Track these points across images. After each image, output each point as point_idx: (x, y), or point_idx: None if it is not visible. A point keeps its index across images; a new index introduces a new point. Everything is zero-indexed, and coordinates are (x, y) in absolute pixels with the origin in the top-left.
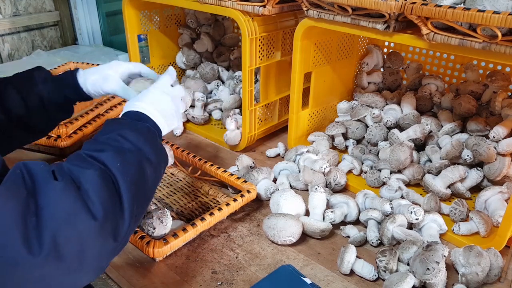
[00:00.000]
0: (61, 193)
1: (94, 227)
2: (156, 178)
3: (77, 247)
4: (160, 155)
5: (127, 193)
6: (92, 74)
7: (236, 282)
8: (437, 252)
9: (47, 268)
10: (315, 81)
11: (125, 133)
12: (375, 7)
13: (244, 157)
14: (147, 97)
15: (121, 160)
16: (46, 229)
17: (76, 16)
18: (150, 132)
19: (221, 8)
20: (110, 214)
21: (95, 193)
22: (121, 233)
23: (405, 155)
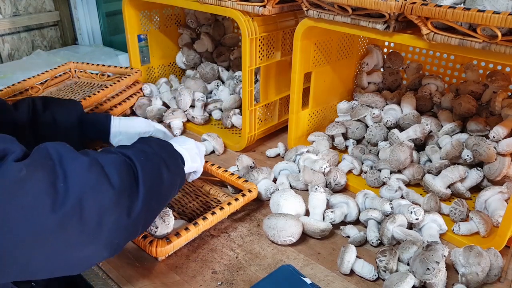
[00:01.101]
0: (86, 166)
1: (112, 195)
2: (172, 186)
3: (97, 213)
4: (178, 170)
5: (144, 181)
6: (121, 134)
7: (236, 282)
8: (437, 252)
9: (71, 229)
10: (315, 81)
11: (151, 144)
12: (375, 7)
13: (244, 157)
14: (174, 139)
15: (144, 157)
16: (73, 193)
17: (76, 16)
18: (174, 151)
19: (221, 8)
20: (126, 189)
21: (115, 170)
22: (135, 211)
23: (405, 155)
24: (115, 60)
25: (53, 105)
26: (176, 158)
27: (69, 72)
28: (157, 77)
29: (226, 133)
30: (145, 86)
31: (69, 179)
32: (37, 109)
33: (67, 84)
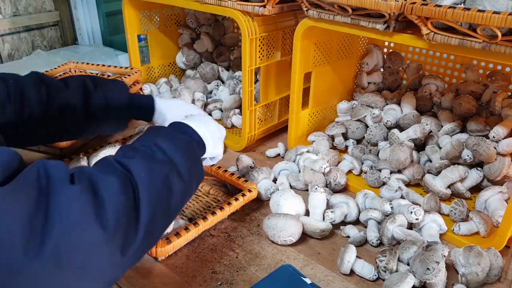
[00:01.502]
0: (74, 198)
1: (101, 236)
2: (185, 194)
3: (81, 255)
4: (195, 171)
5: (146, 206)
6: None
7: (236, 282)
8: (437, 252)
9: (47, 274)
10: (315, 81)
11: (162, 142)
12: (375, 7)
13: (244, 157)
14: (196, 118)
15: (148, 170)
16: (51, 233)
17: (76, 16)
18: (190, 146)
19: (221, 8)
20: (122, 226)
21: (110, 201)
22: (130, 248)
23: (405, 155)
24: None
25: (104, 85)
26: (193, 153)
27: (69, 72)
28: (157, 77)
29: (226, 133)
30: (145, 86)
31: (51, 214)
32: (89, 88)
33: None
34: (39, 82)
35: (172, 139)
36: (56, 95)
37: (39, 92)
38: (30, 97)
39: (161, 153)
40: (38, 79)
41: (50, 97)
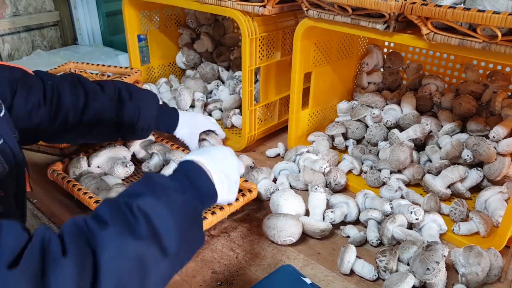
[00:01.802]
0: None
1: None
2: (171, 271)
3: None
4: (190, 241)
5: None
6: (185, 128)
7: (236, 282)
8: (437, 252)
9: None
10: (315, 81)
11: (150, 207)
12: (375, 7)
13: (244, 157)
14: (214, 153)
15: (118, 249)
16: None
17: (76, 16)
18: (188, 209)
19: (221, 8)
20: None
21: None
22: None
23: (405, 155)
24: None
25: (137, 95)
26: (191, 219)
27: (69, 72)
28: (157, 77)
29: (226, 133)
30: (145, 86)
31: None
32: (123, 97)
33: None
34: (76, 86)
35: (166, 201)
36: (91, 103)
37: (76, 99)
38: (67, 104)
39: (144, 223)
40: (75, 83)
41: (86, 105)
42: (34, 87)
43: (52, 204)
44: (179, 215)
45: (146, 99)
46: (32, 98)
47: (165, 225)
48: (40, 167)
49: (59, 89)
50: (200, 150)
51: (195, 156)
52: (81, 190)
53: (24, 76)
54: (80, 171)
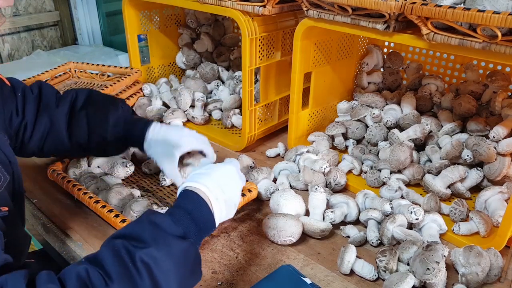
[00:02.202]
0: None
1: None
2: None
3: None
4: (186, 285)
5: None
6: (158, 145)
7: (236, 282)
8: (437, 252)
9: None
10: (315, 81)
11: (152, 260)
12: (375, 7)
13: (244, 157)
14: (217, 176)
15: None
16: None
17: (76, 16)
18: (190, 257)
19: (221, 8)
20: None
21: None
22: None
23: (405, 155)
24: (115, 60)
25: (91, 104)
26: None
27: (69, 72)
28: (157, 77)
29: (226, 133)
30: (145, 86)
31: None
32: (75, 108)
33: (67, 84)
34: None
35: (169, 253)
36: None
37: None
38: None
39: (147, 277)
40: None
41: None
42: (9, 98)
43: (52, 204)
44: (181, 265)
45: (104, 105)
46: (8, 109)
47: (167, 278)
48: (40, 167)
49: (26, 101)
50: (203, 170)
51: (197, 182)
52: (81, 190)
53: (1, 87)
54: (80, 171)
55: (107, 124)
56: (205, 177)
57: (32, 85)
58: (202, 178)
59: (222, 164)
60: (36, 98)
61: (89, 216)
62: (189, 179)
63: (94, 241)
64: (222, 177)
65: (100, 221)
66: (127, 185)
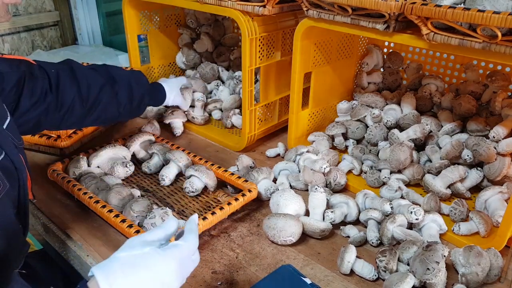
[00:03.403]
0: None
1: None
2: None
3: None
4: None
5: None
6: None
7: (236, 282)
8: (437, 252)
9: None
10: (315, 81)
11: None
12: (375, 7)
13: (244, 157)
14: (136, 278)
15: None
16: None
17: (76, 16)
18: None
19: (221, 8)
20: None
21: None
22: None
23: (405, 155)
24: (115, 60)
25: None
26: None
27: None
28: (157, 77)
29: (226, 133)
30: None
31: None
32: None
33: None
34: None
35: None
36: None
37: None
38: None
39: None
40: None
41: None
42: (38, 77)
43: (52, 204)
44: None
45: (134, 76)
46: (38, 89)
47: None
48: (40, 167)
49: (60, 76)
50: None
51: (108, 281)
52: (81, 190)
53: (29, 68)
54: (80, 171)
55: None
56: (120, 273)
57: (61, 63)
58: (115, 273)
59: (161, 254)
60: (69, 73)
61: (89, 216)
62: (107, 264)
63: (94, 241)
64: (144, 278)
65: (100, 221)
66: (127, 185)
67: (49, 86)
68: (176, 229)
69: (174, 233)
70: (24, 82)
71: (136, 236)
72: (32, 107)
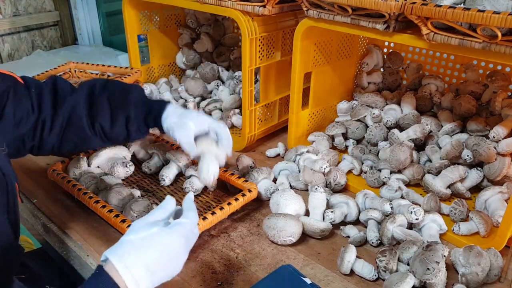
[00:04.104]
0: None
1: None
2: None
3: None
4: None
5: None
6: (174, 116)
7: (236, 282)
8: (437, 252)
9: None
10: (315, 81)
11: None
12: (375, 7)
13: (244, 157)
14: (148, 254)
15: None
16: None
17: (76, 16)
18: None
19: (221, 8)
20: None
21: None
22: None
23: (405, 155)
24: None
25: (110, 88)
26: None
27: (69, 72)
28: (157, 77)
29: None
30: (145, 86)
31: None
32: (94, 94)
33: None
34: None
35: None
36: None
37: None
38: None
39: None
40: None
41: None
42: (23, 96)
43: (52, 204)
44: None
45: (123, 88)
46: (22, 108)
47: None
48: (40, 167)
49: (41, 96)
50: (139, 241)
51: (119, 260)
52: (81, 190)
53: (14, 85)
54: (80, 171)
55: (129, 103)
56: (133, 253)
57: (46, 80)
58: (128, 254)
59: (168, 232)
60: (51, 91)
61: (89, 216)
62: (118, 247)
63: (94, 241)
64: (155, 255)
65: (100, 221)
66: (127, 185)
67: (31, 106)
68: (174, 207)
69: (173, 211)
70: (8, 97)
71: (139, 220)
72: (16, 126)
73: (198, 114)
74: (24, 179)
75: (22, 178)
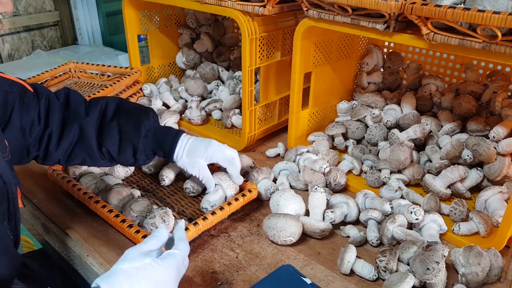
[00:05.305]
0: None
1: None
2: None
3: None
4: None
5: None
6: (184, 155)
7: (236, 282)
8: (437, 252)
9: None
10: (315, 81)
11: None
12: (375, 7)
13: (244, 157)
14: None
15: None
16: None
17: (76, 16)
18: None
19: (221, 8)
20: None
21: None
22: None
23: (405, 155)
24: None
25: (122, 113)
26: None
27: (69, 72)
28: (157, 77)
29: (226, 133)
30: (145, 86)
31: None
32: (106, 117)
33: (67, 84)
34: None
35: None
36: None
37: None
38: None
39: None
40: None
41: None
42: (31, 105)
43: (52, 204)
44: None
45: (136, 115)
46: (29, 117)
47: None
48: (40, 167)
49: (51, 109)
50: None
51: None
52: (81, 190)
53: (22, 93)
54: (80, 171)
55: (139, 134)
56: (125, 282)
57: (58, 92)
58: (120, 283)
59: (161, 263)
60: (62, 105)
61: (89, 216)
62: (111, 275)
63: (94, 241)
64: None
65: (100, 221)
66: (127, 185)
67: (38, 117)
68: (168, 237)
69: (166, 241)
70: (15, 105)
71: (132, 248)
72: (22, 134)
73: (206, 146)
74: (24, 179)
75: (22, 178)
